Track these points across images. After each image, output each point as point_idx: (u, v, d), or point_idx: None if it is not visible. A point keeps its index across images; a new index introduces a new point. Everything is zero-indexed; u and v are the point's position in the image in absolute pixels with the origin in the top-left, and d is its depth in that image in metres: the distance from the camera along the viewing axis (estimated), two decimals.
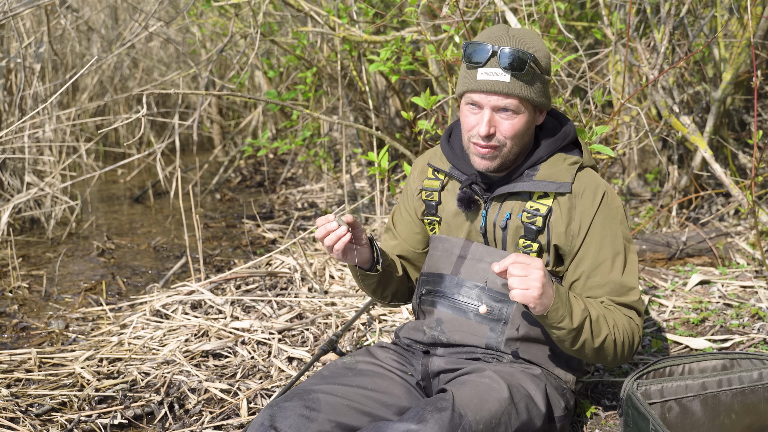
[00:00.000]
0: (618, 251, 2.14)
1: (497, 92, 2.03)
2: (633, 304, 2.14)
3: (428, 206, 2.31)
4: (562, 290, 2.00)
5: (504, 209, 2.18)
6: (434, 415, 1.87)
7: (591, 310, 2.05)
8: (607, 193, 2.16)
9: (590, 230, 2.13)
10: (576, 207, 2.13)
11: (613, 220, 2.15)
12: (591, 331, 2.03)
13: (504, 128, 2.06)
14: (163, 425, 2.56)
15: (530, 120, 2.10)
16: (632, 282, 2.14)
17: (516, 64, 2.00)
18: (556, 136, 2.18)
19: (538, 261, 1.94)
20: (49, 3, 4.22)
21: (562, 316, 1.98)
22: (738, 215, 4.28)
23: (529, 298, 1.93)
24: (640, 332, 2.15)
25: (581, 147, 2.23)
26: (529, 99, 2.04)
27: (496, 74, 2.02)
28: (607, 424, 2.44)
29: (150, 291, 3.71)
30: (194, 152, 6.53)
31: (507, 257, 1.95)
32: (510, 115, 2.05)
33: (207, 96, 6.17)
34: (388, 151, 3.55)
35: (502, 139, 2.07)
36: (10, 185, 4.87)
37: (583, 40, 4.68)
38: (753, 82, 2.86)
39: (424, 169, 2.37)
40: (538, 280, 1.92)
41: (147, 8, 6.14)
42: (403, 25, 4.40)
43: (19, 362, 2.94)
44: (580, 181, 2.15)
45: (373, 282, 2.28)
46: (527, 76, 2.02)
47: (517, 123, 2.06)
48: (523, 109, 2.06)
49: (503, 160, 2.11)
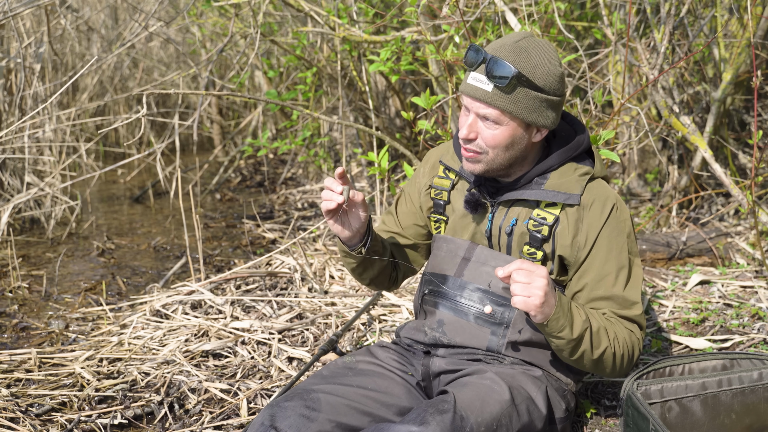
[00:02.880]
0: (623, 265, 2.12)
1: (479, 99, 2.02)
2: (635, 318, 2.12)
3: (436, 205, 2.30)
4: (564, 300, 1.99)
5: (510, 215, 2.17)
6: (436, 417, 1.87)
7: (592, 322, 2.03)
8: (617, 205, 2.13)
9: (596, 243, 2.11)
10: (584, 219, 2.11)
11: (621, 233, 2.12)
12: (591, 342, 2.02)
13: (485, 136, 2.05)
14: (163, 425, 2.56)
15: (519, 135, 2.05)
16: (635, 297, 2.12)
17: (497, 76, 1.98)
18: (569, 146, 2.15)
19: (543, 269, 1.93)
20: (49, 3, 4.22)
21: (563, 326, 1.97)
22: (738, 215, 4.28)
23: (530, 305, 1.92)
24: (641, 346, 2.13)
25: (594, 157, 2.20)
26: (512, 113, 2.01)
27: (480, 81, 2.01)
28: (607, 424, 2.44)
29: (150, 291, 3.71)
30: (194, 152, 6.53)
31: (512, 263, 1.94)
32: (491, 124, 2.03)
33: (207, 96, 6.17)
34: (388, 151, 3.55)
35: (483, 146, 2.06)
36: (10, 185, 4.87)
37: (583, 40, 4.68)
38: (753, 82, 2.86)
39: (435, 165, 2.34)
40: (540, 288, 1.91)
41: (147, 8, 6.14)
42: (403, 25, 4.39)
43: (19, 362, 2.94)
44: (589, 192, 2.12)
45: (353, 262, 2.26)
46: (509, 89, 1.99)
47: (498, 135, 2.03)
48: (506, 121, 2.02)
49: (488, 167, 2.09)
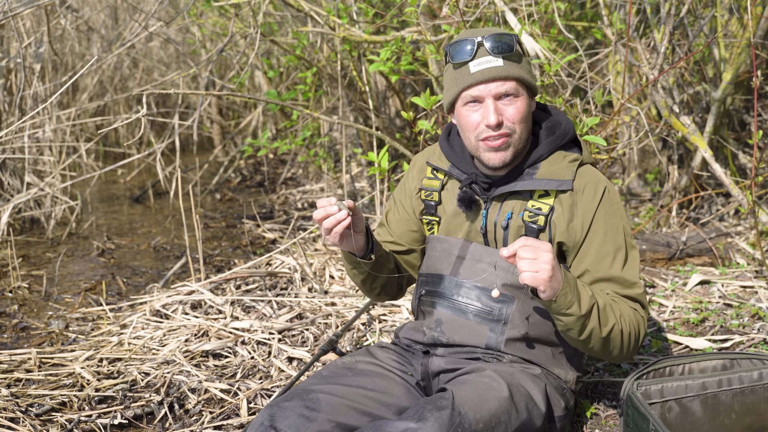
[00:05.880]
0: (619, 246, 2.14)
1: (495, 78, 2.05)
2: (637, 296, 2.13)
3: (427, 206, 2.30)
4: (570, 276, 1.99)
5: (505, 209, 2.17)
6: (434, 413, 1.87)
7: (598, 299, 2.04)
8: (608, 188, 2.16)
9: (592, 225, 2.13)
10: (578, 203, 2.13)
11: (615, 214, 2.15)
12: (599, 319, 2.02)
13: (510, 114, 2.07)
14: (163, 425, 2.56)
15: (528, 105, 2.12)
16: (633, 277, 2.14)
17: (505, 47, 2.05)
18: (556, 135, 2.18)
19: (548, 245, 1.93)
20: (49, 3, 4.22)
21: (571, 302, 1.97)
22: (738, 215, 4.28)
23: (539, 280, 1.91)
24: (645, 324, 2.14)
25: (580, 145, 2.24)
26: (524, 79, 2.08)
27: (489, 62, 2.05)
28: (607, 424, 2.44)
29: (150, 291, 3.71)
30: (194, 152, 6.54)
31: (516, 241, 1.94)
32: (512, 99, 2.07)
33: (207, 96, 6.17)
34: (388, 151, 3.55)
35: (511, 126, 2.08)
36: (10, 185, 4.87)
37: (583, 40, 4.68)
38: (753, 82, 2.86)
39: (423, 168, 2.35)
40: (548, 262, 1.91)
41: (147, 8, 6.13)
42: (403, 25, 4.39)
43: (19, 362, 2.94)
44: (580, 177, 2.15)
45: (364, 271, 2.25)
46: (516, 56, 2.07)
47: (520, 105, 2.08)
48: (521, 90, 2.09)
49: (516, 148, 2.11)
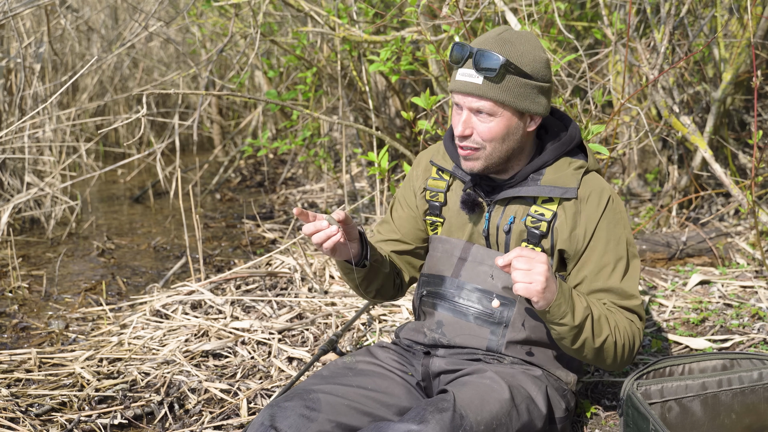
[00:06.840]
0: (621, 256, 2.13)
1: (471, 93, 2.03)
2: (635, 308, 2.13)
3: (432, 207, 2.29)
4: (565, 287, 1.99)
5: (507, 213, 2.17)
6: (435, 415, 1.87)
7: (593, 309, 2.04)
8: (612, 197, 2.15)
9: (595, 234, 2.12)
10: (581, 212, 2.12)
11: (618, 224, 2.14)
12: (592, 330, 2.03)
13: (480, 130, 2.05)
14: (163, 425, 2.56)
15: (514, 125, 2.06)
16: (632, 288, 2.13)
17: (485, 67, 2.00)
18: (562, 140, 2.16)
19: (543, 255, 1.93)
20: (49, 3, 4.22)
21: (564, 312, 1.98)
22: (738, 215, 4.28)
23: (532, 291, 1.92)
24: (641, 336, 2.14)
25: (586, 150, 2.21)
26: (505, 103, 2.02)
27: (470, 75, 2.02)
28: (607, 424, 2.44)
29: (150, 291, 3.71)
30: (194, 152, 6.53)
31: (511, 251, 1.94)
32: (485, 117, 2.04)
33: (207, 96, 6.17)
34: (388, 151, 3.55)
35: (480, 141, 2.06)
36: (10, 185, 4.87)
37: (583, 40, 4.68)
38: (753, 82, 2.86)
39: (427, 167, 2.34)
40: (541, 273, 1.91)
41: (147, 8, 6.13)
42: (403, 25, 4.39)
43: (19, 362, 2.94)
44: (585, 185, 2.14)
45: (359, 276, 2.23)
46: (499, 79, 2.00)
47: (494, 127, 2.04)
48: (500, 112, 2.03)
49: (487, 162, 2.09)
